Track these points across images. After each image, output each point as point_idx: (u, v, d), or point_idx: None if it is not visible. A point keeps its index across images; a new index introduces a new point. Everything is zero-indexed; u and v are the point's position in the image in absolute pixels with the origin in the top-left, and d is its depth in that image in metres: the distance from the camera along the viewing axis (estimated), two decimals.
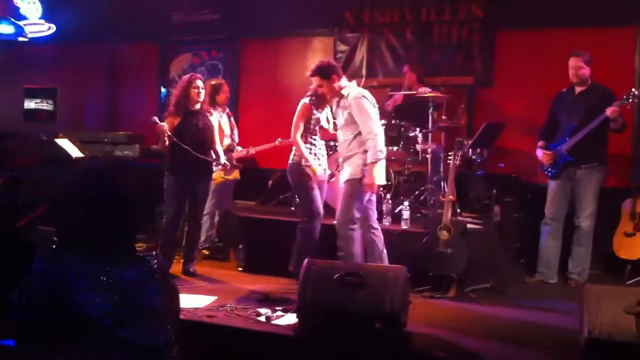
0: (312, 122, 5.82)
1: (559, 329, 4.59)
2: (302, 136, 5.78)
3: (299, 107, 5.82)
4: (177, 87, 6.07)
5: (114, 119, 9.62)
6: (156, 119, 5.89)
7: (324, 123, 5.95)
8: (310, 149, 5.81)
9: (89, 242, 2.21)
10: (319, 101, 5.80)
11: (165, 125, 5.74)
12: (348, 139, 5.40)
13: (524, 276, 6.21)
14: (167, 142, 5.76)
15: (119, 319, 2.13)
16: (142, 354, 2.17)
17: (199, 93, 5.89)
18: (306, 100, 5.82)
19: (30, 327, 2.15)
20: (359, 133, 5.32)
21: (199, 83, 5.91)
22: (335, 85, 5.44)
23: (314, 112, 5.82)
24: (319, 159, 5.86)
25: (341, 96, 5.43)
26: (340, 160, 5.62)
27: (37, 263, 2.21)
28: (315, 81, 5.54)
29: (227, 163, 6.25)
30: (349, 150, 5.41)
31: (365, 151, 5.28)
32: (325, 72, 5.45)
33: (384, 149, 5.37)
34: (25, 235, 5.45)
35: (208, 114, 6.04)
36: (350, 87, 5.46)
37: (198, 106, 5.93)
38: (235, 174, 7.10)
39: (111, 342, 2.12)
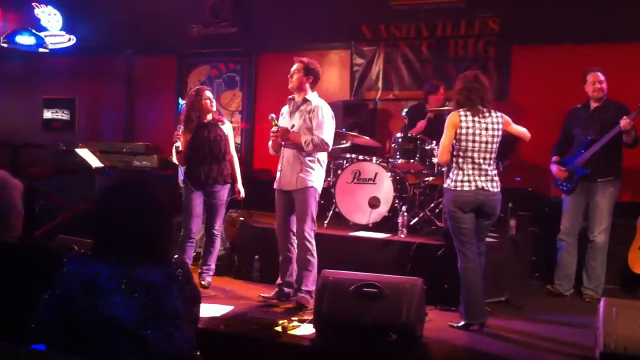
0: None
1: (575, 343, 4.60)
2: None
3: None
4: (186, 103, 6.02)
5: (131, 130, 9.72)
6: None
7: None
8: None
9: (124, 249, 2.28)
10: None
11: (178, 144, 5.81)
12: None
13: (541, 288, 6.23)
14: (175, 156, 5.88)
15: (143, 320, 2.19)
16: (164, 356, 2.22)
17: (211, 102, 5.94)
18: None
19: (60, 330, 2.20)
20: None
21: (208, 94, 5.95)
22: None
23: None
24: None
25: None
26: None
27: (67, 267, 2.25)
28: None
29: (241, 190, 6.15)
30: None
31: None
32: None
33: None
34: (46, 244, 5.54)
35: (220, 123, 6.02)
36: None
37: (210, 117, 5.94)
38: None
39: (136, 343, 2.17)
